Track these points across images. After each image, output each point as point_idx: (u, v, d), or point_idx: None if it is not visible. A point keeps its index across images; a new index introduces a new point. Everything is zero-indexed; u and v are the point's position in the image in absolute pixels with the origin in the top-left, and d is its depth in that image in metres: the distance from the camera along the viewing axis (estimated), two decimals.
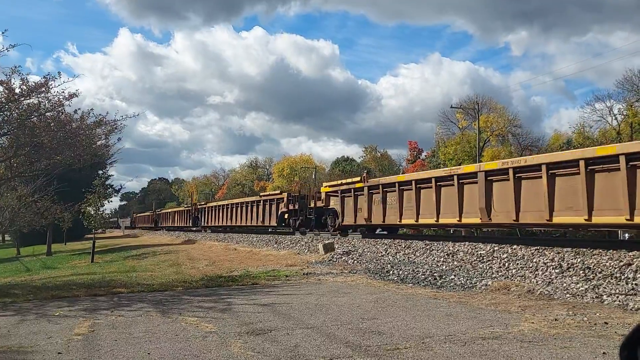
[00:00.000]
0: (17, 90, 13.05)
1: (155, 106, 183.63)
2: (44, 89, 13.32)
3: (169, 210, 62.09)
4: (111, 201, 79.51)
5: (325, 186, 22.54)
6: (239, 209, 32.88)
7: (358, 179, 19.83)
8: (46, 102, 13.64)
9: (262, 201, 29.14)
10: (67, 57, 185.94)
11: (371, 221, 18.66)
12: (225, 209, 35.88)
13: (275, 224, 27.24)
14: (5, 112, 13.45)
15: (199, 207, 43.97)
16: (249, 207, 31.09)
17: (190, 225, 44.95)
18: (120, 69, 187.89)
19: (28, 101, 13.48)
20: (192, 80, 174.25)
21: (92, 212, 27.63)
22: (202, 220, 41.40)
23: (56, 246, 40.85)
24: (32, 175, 20.53)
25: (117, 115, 16.47)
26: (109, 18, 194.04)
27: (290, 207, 25.51)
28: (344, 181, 21.49)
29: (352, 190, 19.57)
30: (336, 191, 20.95)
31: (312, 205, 23.89)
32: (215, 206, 39.10)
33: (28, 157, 14.80)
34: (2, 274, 23.32)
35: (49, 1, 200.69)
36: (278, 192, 29.64)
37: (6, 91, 12.95)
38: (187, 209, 48.67)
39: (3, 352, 5.76)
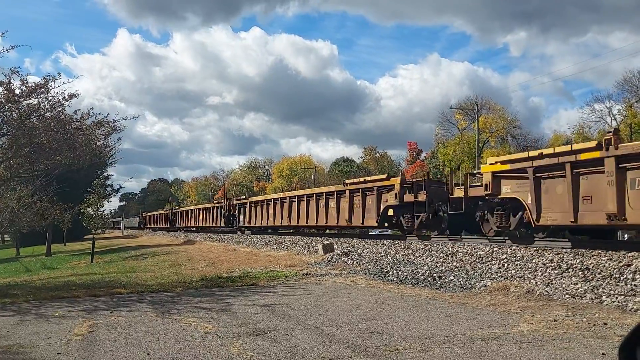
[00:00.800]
0: (17, 91, 13.09)
1: (154, 107, 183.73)
2: (43, 89, 13.37)
3: (192, 207, 52.07)
4: (110, 201, 79.43)
5: (495, 163, 13.52)
6: (303, 203, 24.36)
7: (589, 145, 11.33)
8: (46, 102, 13.69)
9: (348, 192, 20.70)
10: (65, 57, 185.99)
11: (625, 219, 10.25)
12: (279, 205, 26.98)
13: (375, 224, 19.47)
14: (5, 113, 13.48)
15: (235, 202, 34.58)
16: (325, 201, 22.48)
17: (223, 225, 36.47)
18: (119, 69, 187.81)
19: (28, 102, 13.54)
20: (191, 80, 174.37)
21: (92, 213, 27.72)
22: (242, 219, 32.87)
23: (56, 247, 40.79)
24: (31, 176, 20.52)
25: (116, 116, 16.54)
26: (107, 18, 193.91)
27: (407, 198, 17.51)
28: (544, 151, 12.45)
29: (568, 165, 11.20)
30: (521, 169, 12.50)
31: (462, 194, 14.98)
32: (264, 200, 30.06)
33: (28, 157, 14.82)
34: (2, 274, 23.32)
35: (47, 1, 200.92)
36: (384, 176, 20.82)
37: (6, 92, 12.98)
38: (218, 205, 39.18)
39: (3, 353, 5.76)
